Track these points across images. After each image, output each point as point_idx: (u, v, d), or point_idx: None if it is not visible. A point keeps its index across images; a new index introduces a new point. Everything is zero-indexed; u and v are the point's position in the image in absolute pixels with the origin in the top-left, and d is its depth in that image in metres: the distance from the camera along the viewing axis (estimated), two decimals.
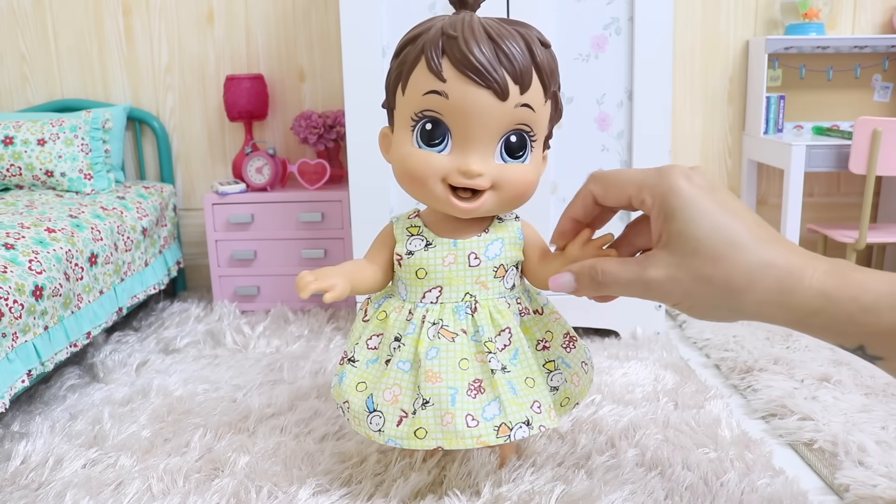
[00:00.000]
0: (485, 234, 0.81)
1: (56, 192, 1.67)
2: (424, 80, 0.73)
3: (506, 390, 0.77)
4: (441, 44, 0.72)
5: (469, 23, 0.72)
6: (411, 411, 0.78)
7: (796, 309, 0.60)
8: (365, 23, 1.37)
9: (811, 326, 0.61)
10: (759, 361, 1.28)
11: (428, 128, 0.74)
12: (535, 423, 0.77)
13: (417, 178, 0.76)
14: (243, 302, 1.78)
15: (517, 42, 0.72)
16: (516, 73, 0.71)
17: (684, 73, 1.93)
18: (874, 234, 1.70)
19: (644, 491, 0.84)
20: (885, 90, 1.93)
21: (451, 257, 0.80)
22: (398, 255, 0.82)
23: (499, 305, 0.81)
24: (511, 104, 0.72)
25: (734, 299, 0.61)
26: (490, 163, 0.75)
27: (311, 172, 1.78)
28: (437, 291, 0.81)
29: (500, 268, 0.81)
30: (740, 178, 1.99)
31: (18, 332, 1.09)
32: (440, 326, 0.79)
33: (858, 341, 0.60)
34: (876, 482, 0.87)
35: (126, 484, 0.89)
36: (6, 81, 1.93)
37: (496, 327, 0.80)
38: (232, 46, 1.91)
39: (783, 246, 0.62)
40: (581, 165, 1.44)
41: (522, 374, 0.80)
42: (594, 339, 1.49)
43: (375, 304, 0.87)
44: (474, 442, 0.75)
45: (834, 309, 0.59)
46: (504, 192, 0.77)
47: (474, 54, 0.70)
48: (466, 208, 0.76)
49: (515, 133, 0.75)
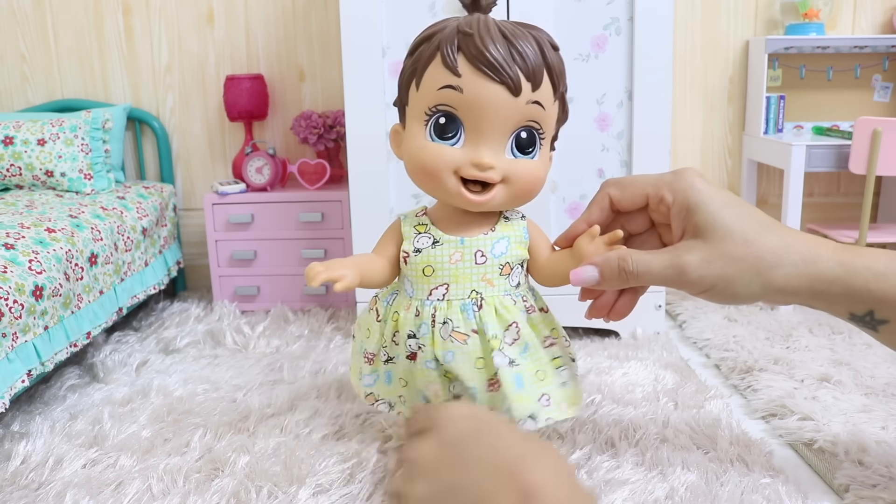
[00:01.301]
0: (491, 232, 0.83)
1: (56, 192, 1.67)
2: (440, 76, 0.75)
3: (511, 386, 0.79)
4: (457, 41, 0.74)
5: (484, 22, 0.75)
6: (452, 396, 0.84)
7: (819, 278, 0.69)
8: (365, 23, 1.37)
9: (830, 296, 0.70)
10: (759, 361, 1.28)
11: (442, 121, 0.77)
12: (542, 416, 0.80)
13: (430, 170, 0.78)
14: (243, 302, 1.78)
15: (530, 42, 0.75)
16: (529, 71, 0.74)
17: (684, 73, 1.93)
18: (874, 234, 1.70)
19: (644, 491, 0.84)
20: (885, 90, 1.93)
21: (458, 255, 0.82)
22: (405, 252, 0.84)
23: (504, 302, 0.83)
24: (523, 100, 0.75)
25: (765, 275, 0.69)
26: (501, 157, 0.78)
27: (311, 172, 1.78)
28: (443, 289, 0.82)
29: (505, 265, 0.83)
30: (740, 178, 1.99)
31: (18, 332, 1.09)
32: (451, 328, 0.81)
33: (869, 306, 0.69)
34: (876, 482, 0.87)
35: (126, 484, 0.89)
36: (6, 81, 1.93)
37: (503, 323, 0.82)
38: (232, 46, 1.91)
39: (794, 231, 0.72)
40: (581, 165, 1.44)
41: (533, 367, 0.82)
42: (594, 339, 1.49)
43: (384, 302, 0.88)
44: None
45: (851, 276, 0.69)
46: (514, 187, 0.79)
47: (489, 50, 0.73)
48: (477, 201, 0.78)
49: (526, 129, 0.78)
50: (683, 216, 0.72)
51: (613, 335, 1.52)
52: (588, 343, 1.45)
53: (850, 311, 0.71)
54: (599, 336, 1.51)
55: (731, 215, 0.70)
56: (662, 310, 1.50)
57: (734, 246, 0.69)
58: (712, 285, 0.70)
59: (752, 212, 0.72)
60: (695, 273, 0.70)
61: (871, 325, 0.71)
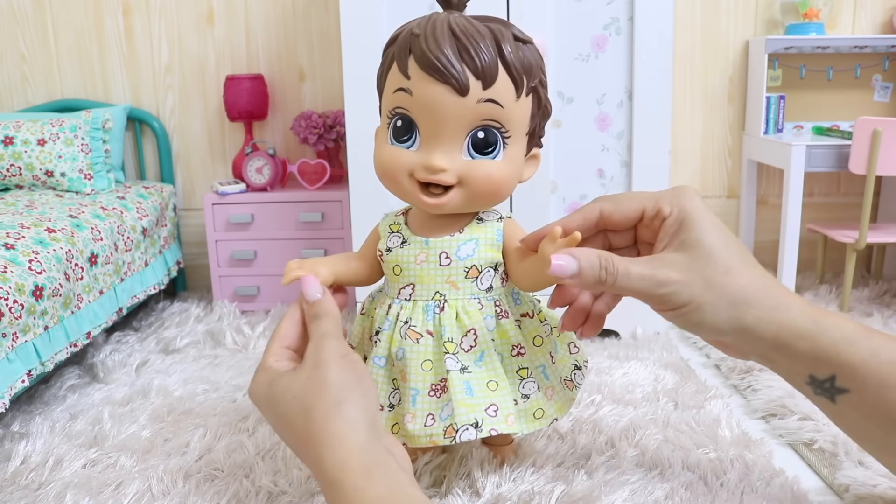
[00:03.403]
0: (458, 234, 0.81)
1: (56, 193, 1.67)
2: (395, 79, 0.76)
3: (459, 391, 0.77)
4: (409, 43, 0.74)
5: (435, 21, 0.74)
6: (388, 405, 0.82)
7: (789, 329, 0.66)
8: (365, 23, 1.37)
9: (794, 351, 0.67)
10: None
11: (399, 124, 0.77)
12: (486, 426, 0.76)
13: (388, 173, 0.78)
14: (243, 302, 1.78)
15: (483, 39, 0.72)
16: (478, 69, 0.72)
17: (684, 73, 1.93)
18: (874, 234, 1.70)
19: (644, 491, 0.84)
20: (885, 90, 1.93)
21: (423, 256, 0.81)
22: (380, 251, 0.85)
23: (468, 306, 0.81)
24: (472, 99, 0.73)
25: (738, 309, 0.66)
26: (456, 158, 0.76)
27: (311, 172, 1.78)
28: (409, 289, 0.82)
29: (472, 268, 0.81)
30: (740, 178, 1.99)
31: (18, 332, 1.09)
32: (408, 326, 0.81)
33: (832, 370, 0.66)
34: (876, 482, 0.87)
35: (126, 484, 0.89)
36: (6, 81, 1.93)
37: (462, 328, 0.80)
38: (232, 46, 1.91)
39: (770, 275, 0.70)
40: (581, 165, 1.44)
41: (485, 376, 0.80)
42: (594, 339, 1.49)
43: (371, 298, 0.90)
44: (427, 441, 0.77)
45: (820, 333, 0.66)
46: (471, 188, 0.77)
47: (432, 51, 0.71)
48: (433, 203, 0.77)
49: (483, 129, 0.75)
50: (674, 231, 0.70)
51: (613, 335, 1.52)
52: (588, 343, 1.45)
53: (811, 373, 0.67)
54: (599, 336, 1.51)
55: (718, 240, 0.68)
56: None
57: (714, 272, 0.67)
58: (683, 305, 0.67)
59: (738, 244, 0.70)
60: (670, 288, 0.67)
61: (830, 394, 0.67)
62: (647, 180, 1.41)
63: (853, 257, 1.68)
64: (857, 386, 0.65)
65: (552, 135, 1.43)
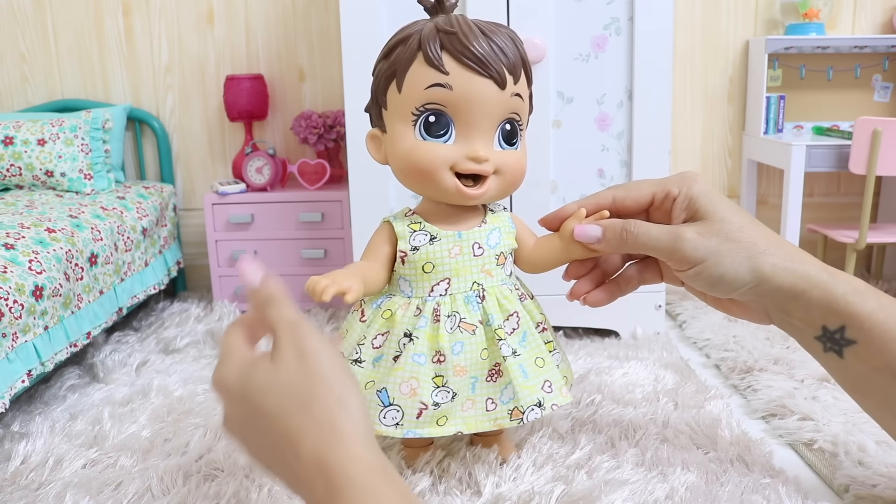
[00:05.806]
0: (484, 224, 0.85)
1: (56, 193, 1.67)
2: (425, 75, 0.77)
3: (517, 375, 0.81)
4: (439, 39, 0.76)
5: (463, 20, 0.78)
6: (432, 403, 0.80)
7: (804, 276, 0.71)
8: (365, 23, 1.37)
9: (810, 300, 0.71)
10: (759, 361, 1.28)
11: (431, 120, 0.78)
12: (547, 402, 0.81)
13: (425, 169, 0.79)
14: (243, 302, 1.78)
15: (505, 38, 0.78)
16: (510, 65, 0.77)
17: (684, 73, 1.93)
18: (874, 234, 1.70)
19: (644, 491, 0.84)
20: (885, 90, 1.93)
21: (457, 248, 0.83)
22: (402, 252, 0.84)
23: (504, 291, 0.85)
24: (508, 93, 0.78)
25: (755, 259, 0.72)
26: (492, 150, 0.80)
27: (311, 172, 1.78)
28: (445, 284, 0.83)
29: (500, 255, 0.85)
30: (740, 178, 1.99)
31: (18, 332, 1.10)
32: (458, 319, 0.82)
33: (843, 321, 0.70)
34: (876, 482, 0.87)
35: (126, 484, 0.89)
36: (6, 81, 1.93)
37: (504, 313, 0.84)
38: (232, 46, 1.91)
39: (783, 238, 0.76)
40: (581, 165, 1.44)
41: (532, 355, 0.84)
42: (594, 339, 1.49)
43: (373, 305, 0.87)
44: (491, 424, 0.81)
45: (833, 283, 0.71)
46: (504, 178, 0.81)
47: (475, 46, 0.75)
48: (475, 194, 0.80)
49: (509, 121, 0.80)
50: (686, 205, 0.76)
51: (613, 335, 1.52)
52: (588, 343, 1.45)
53: (823, 324, 0.71)
54: (599, 336, 1.51)
55: (728, 207, 0.75)
56: (662, 310, 1.50)
57: (730, 229, 0.73)
58: (703, 258, 0.73)
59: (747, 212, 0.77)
60: (690, 242, 0.73)
61: (839, 346, 0.71)
62: None
63: (853, 257, 1.68)
64: (864, 337, 0.69)
65: (552, 135, 1.43)
